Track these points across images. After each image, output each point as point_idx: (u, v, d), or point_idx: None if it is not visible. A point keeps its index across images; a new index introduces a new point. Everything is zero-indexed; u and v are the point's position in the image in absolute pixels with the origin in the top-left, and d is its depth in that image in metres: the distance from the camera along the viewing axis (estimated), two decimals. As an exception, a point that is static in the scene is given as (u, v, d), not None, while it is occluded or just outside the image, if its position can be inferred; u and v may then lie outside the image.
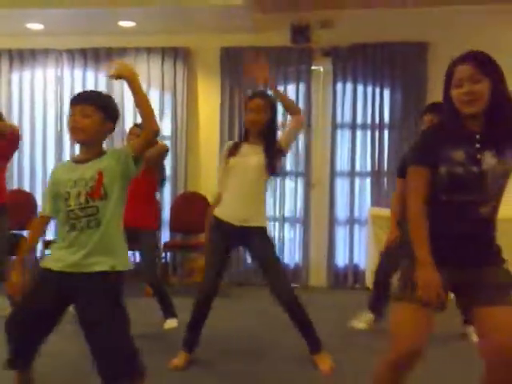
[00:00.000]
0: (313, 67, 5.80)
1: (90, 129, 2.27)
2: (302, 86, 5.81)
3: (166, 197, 5.97)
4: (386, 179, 5.71)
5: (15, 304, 2.91)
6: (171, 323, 3.99)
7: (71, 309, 2.32)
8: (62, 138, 6.02)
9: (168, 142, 5.89)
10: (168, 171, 5.14)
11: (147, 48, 5.91)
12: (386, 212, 4.49)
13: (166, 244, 5.79)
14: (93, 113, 2.28)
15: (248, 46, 5.74)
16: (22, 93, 6.07)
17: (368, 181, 5.78)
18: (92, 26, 5.69)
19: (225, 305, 4.39)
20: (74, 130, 2.29)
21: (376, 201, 5.67)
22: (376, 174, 5.70)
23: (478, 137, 2.00)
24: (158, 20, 5.53)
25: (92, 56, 5.97)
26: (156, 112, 6.17)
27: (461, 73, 1.97)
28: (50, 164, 5.94)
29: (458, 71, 1.98)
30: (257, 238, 3.18)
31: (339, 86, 5.75)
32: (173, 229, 5.88)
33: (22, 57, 6.04)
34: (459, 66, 1.98)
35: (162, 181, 4.32)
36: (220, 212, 3.21)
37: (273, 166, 3.16)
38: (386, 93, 5.74)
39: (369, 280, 5.28)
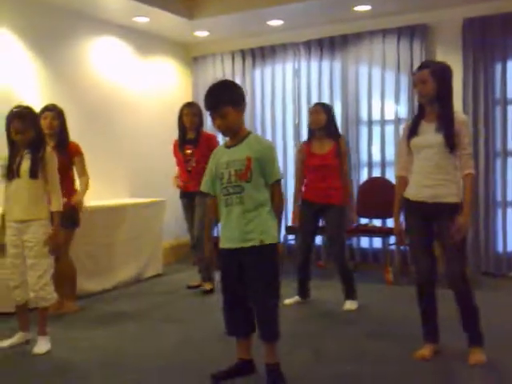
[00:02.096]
0: None
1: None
2: None
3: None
4: None
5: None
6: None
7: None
8: (299, 128, 6.22)
9: (402, 126, 5.64)
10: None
11: (382, 30, 5.73)
12: None
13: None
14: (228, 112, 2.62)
15: (494, 14, 5.19)
16: (264, 87, 6.44)
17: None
18: (327, 16, 5.74)
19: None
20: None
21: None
22: None
23: None
24: (394, 0, 5.30)
25: (327, 45, 6.03)
26: (391, 95, 6.02)
27: None
28: (290, 153, 6.19)
29: None
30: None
31: None
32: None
33: (263, 53, 6.42)
34: None
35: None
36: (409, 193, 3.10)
37: (452, 143, 2.94)
38: None
39: None
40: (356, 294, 4.23)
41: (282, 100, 6.34)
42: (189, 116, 4.80)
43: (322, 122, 4.20)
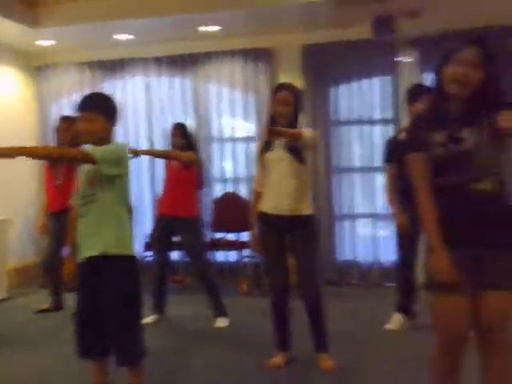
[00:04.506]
0: (398, 59, 5.62)
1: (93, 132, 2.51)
2: (387, 79, 5.67)
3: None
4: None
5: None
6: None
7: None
8: (153, 144, 6.24)
9: (253, 143, 5.95)
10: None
11: (231, 51, 5.97)
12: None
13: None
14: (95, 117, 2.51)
15: (329, 42, 5.69)
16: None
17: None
18: (175, 33, 5.81)
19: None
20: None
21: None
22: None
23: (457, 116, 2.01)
24: (242, 22, 5.54)
25: (178, 62, 6.11)
26: (240, 113, 6.24)
27: (466, 54, 1.98)
28: (144, 170, 6.17)
29: (464, 52, 1.99)
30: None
31: (428, 76, 5.50)
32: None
33: (112, 66, 6.31)
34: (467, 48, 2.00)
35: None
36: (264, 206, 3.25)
37: (300, 158, 3.20)
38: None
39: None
40: (225, 310, 4.27)
41: (133, 114, 6.29)
42: None
43: (179, 143, 4.38)
